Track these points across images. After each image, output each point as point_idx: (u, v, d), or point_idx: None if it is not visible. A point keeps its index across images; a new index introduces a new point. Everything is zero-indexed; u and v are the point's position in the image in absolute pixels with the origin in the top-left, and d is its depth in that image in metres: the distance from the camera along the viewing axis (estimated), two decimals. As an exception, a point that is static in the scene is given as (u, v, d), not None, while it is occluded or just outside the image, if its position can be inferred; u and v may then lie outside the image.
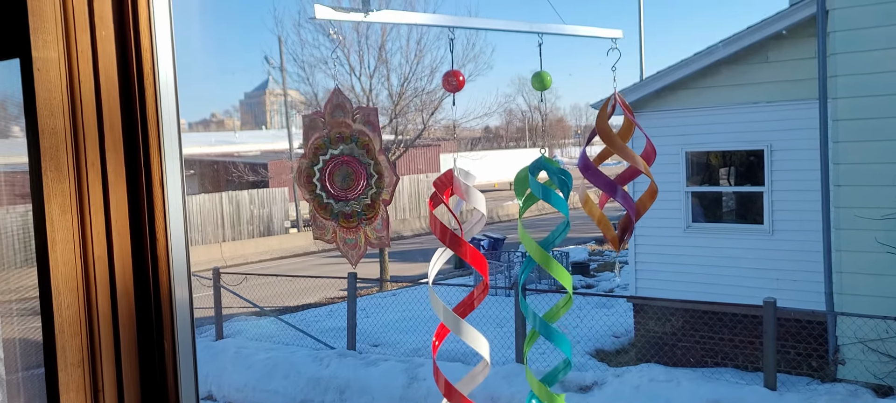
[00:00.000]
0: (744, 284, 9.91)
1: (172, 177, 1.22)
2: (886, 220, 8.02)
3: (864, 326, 8.14)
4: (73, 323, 1.16)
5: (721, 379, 8.67)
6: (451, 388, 1.73)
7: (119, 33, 1.19)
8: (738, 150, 10.52)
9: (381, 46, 18.35)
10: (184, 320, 1.24)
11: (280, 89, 37.46)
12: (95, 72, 1.17)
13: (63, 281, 1.14)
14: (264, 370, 10.08)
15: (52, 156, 1.13)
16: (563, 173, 2.05)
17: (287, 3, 50.72)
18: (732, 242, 10.22)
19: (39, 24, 1.11)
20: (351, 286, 11.45)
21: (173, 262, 1.23)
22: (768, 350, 8.03)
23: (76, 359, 1.16)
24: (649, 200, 2.10)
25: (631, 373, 8.60)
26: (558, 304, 2.13)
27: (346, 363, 9.81)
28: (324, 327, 13.21)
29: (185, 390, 1.24)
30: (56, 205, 1.13)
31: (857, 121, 8.32)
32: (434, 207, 1.84)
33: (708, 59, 10.08)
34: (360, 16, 1.72)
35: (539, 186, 2.01)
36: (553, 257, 2.07)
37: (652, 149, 2.12)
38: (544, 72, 2.02)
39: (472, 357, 10.05)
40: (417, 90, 18.89)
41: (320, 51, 18.69)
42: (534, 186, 2.03)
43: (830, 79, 8.53)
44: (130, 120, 1.20)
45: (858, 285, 8.42)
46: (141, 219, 1.21)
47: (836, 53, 8.38)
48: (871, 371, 8.17)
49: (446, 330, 1.76)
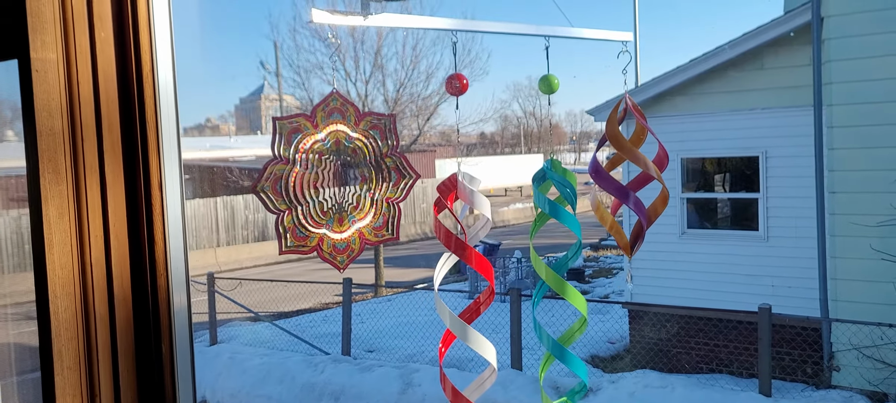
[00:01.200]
0: (739, 290, 9.92)
1: (171, 181, 1.21)
2: (881, 227, 8.03)
3: (858, 333, 8.16)
4: (70, 327, 1.15)
5: (716, 386, 8.67)
6: (459, 395, 1.71)
7: (118, 35, 1.18)
8: (733, 157, 10.54)
9: (377, 52, 18.38)
10: (182, 325, 1.23)
11: (275, 94, 37.43)
12: (94, 73, 1.16)
13: (60, 284, 1.13)
14: (258, 375, 10.05)
15: (50, 159, 1.12)
16: (563, 179, 2.05)
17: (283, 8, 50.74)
18: (728, 248, 10.24)
19: (38, 26, 1.10)
20: (346, 291, 11.43)
21: (172, 266, 1.22)
22: (763, 356, 8.03)
23: (73, 363, 1.15)
24: (661, 206, 2.09)
25: (626, 379, 8.59)
26: (573, 328, 2.12)
27: (341, 368, 9.79)
28: (318, 332, 13.17)
29: (183, 395, 1.23)
30: (53, 208, 1.12)
31: (852, 128, 8.34)
32: (438, 212, 1.83)
33: (703, 65, 10.11)
34: (360, 19, 1.71)
35: (548, 202, 1.99)
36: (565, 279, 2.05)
37: (664, 154, 2.11)
38: (551, 75, 2.01)
39: (468, 364, 10.03)
40: (413, 95, 18.92)
41: (316, 56, 18.71)
42: (541, 202, 2.00)
43: (825, 86, 8.55)
44: (129, 122, 1.19)
45: (853, 291, 8.43)
46: (139, 223, 1.20)
47: (831, 61, 8.41)
48: (866, 377, 8.17)
49: (452, 337, 1.75)
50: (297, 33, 23.35)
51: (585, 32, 2.32)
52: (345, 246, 1.71)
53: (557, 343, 2.04)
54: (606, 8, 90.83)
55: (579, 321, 2.11)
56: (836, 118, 8.42)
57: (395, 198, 1.72)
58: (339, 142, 1.76)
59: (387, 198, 1.72)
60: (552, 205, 2.01)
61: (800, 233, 9.48)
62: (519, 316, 9.63)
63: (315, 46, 19.42)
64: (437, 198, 1.87)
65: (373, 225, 1.73)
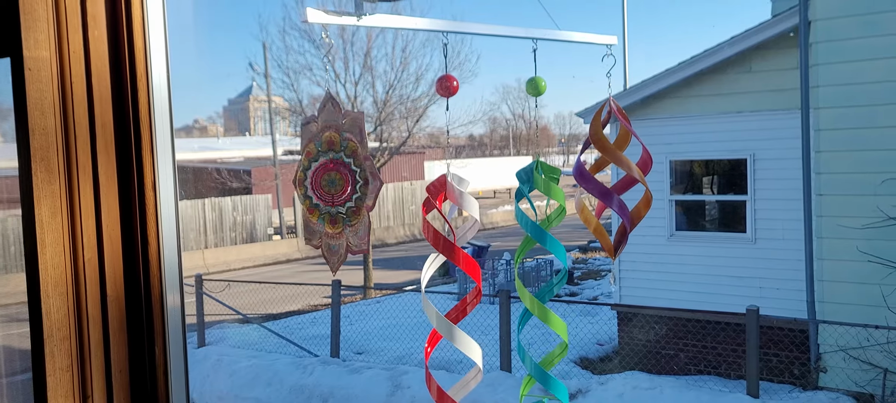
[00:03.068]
0: (727, 292, 9.97)
1: (165, 180, 1.21)
2: (868, 229, 8.09)
3: (845, 334, 8.21)
4: (62, 328, 1.14)
5: (704, 387, 8.71)
6: (444, 395, 1.71)
7: (112, 33, 1.17)
8: (721, 159, 10.60)
9: (367, 53, 18.37)
10: (175, 326, 1.22)
11: (264, 95, 37.32)
12: (87, 72, 1.15)
13: (52, 284, 1.12)
14: (247, 377, 10.01)
15: (43, 158, 1.11)
16: (553, 173, 2.06)
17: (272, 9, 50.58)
18: (716, 251, 10.29)
19: (31, 24, 1.09)
20: (335, 293, 11.40)
21: (165, 267, 1.21)
22: (751, 358, 8.08)
23: (65, 364, 1.14)
24: (644, 209, 2.10)
25: (615, 381, 8.62)
26: (553, 352, 2.14)
27: (330, 370, 9.76)
28: (307, 334, 13.13)
29: (176, 397, 1.22)
30: (46, 207, 1.11)
31: (840, 132, 8.40)
32: (427, 213, 1.83)
33: (692, 68, 10.15)
34: (353, 19, 1.71)
35: (531, 225, 1.99)
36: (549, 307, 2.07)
37: (648, 157, 2.12)
38: (539, 77, 2.02)
39: (455, 365, 10.03)
40: (402, 97, 18.92)
41: (305, 57, 18.70)
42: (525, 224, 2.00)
43: (813, 90, 8.61)
44: (123, 121, 1.18)
45: (840, 293, 8.48)
46: (132, 223, 1.19)
47: (819, 64, 8.47)
48: (853, 378, 8.23)
49: (438, 337, 1.75)
50: (286, 34, 23.31)
51: (572, 35, 2.33)
52: (336, 248, 1.71)
53: (539, 366, 2.08)
54: (597, 10, 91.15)
55: (560, 346, 2.13)
56: (823, 121, 8.48)
57: (368, 206, 1.73)
58: (333, 145, 1.76)
59: (367, 207, 1.73)
60: (537, 229, 2.00)
61: (787, 236, 9.54)
62: (508, 318, 9.64)
63: (304, 47, 19.41)
64: (425, 199, 1.87)
65: (356, 232, 1.73)
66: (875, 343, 7.92)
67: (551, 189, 2.01)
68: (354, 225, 1.75)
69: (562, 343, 2.14)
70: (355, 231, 1.75)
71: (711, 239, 10.52)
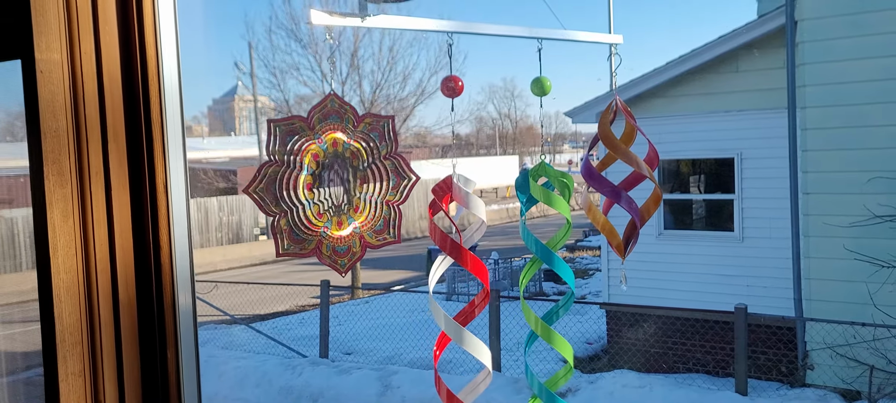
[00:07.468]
0: (715, 290, 10.02)
1: (176, 181, 1.20)
2: (854, 227, 8.16)
3: (832, 332, 8.28)
4: (74, 332, 1.12)
5: (693, 385, 8.75)
6: (453, 397, 1.71)
7: (123, 34, 1.16)
8: (709, 158, 10.66)
9: (354, 53, 18.32)
10: (187, 329, 1.21)
11: (250, 95, 37.15)
12: (99, 73, 1.14)
13: (64, 288, 1.11)
14: (235, 378, 9.96)
15: (55, 160, 1.10)
16: (564, 177, 2.05)
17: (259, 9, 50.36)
18: (704, 249, 10.34)
19: (43, 26, 1.08)
20: (323, 293, 11.37)
21: (177, 269, 1.20)
22: (739, 355, 8.13)
23: (77, 369, 1.13)
24: (653, 206, 2.11)
25: (604, 379, 8.65)
26: (558, 374, 2.14)
27: (319, 371, 9.73)
28: (296, 335, 13.09)
29: (188, 400, 1.21)
30: (58, 210, 1.10)
31: (826, 131, 8.47)
32: (433, 214, 1.82)
33: (679, 68, 10.20)
34: (357, 20, 1.70)
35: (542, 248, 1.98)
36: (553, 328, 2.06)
37: (655, 154, 2.13)
38: (544, 77, 2.01)
39: (454, 368, 10.03)
40: (389, 97, 18.88)
41: (292, 57, 18.62)
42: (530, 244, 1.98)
43: (800, 89, 8.67)
44: (134, 122, 1.17)
45: (827, 291, 8.55)
46: (144, 225, 1.18)
47: (805, 63, 8.53)
48: (840, 376, 8.30)
49: (447, 340, 1.75)
50: (273, 34, 23.21)
51: (577, 35, 2.33)
52: (345, 249, 1.70)
53: (545, 386, 2.07)
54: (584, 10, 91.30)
55: (565, 368, 2.13)
56: (810, 120, 8.54)
57: (395, 201, 1.71)
58: (337, 147, 1.74)
59: (387, 201, 1.71)
60: (544, 250, 1.99)
61: (774, 234, 9.60)
62: (497, 317, 9.65)
63: (291, 47, 19.34)
64: (431, 201, 1.87)
65: (373, 227, 1.72)
66: (862, 341, 7.99)
67: (553, 199, 2.00)
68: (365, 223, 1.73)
69: (567, 365, 2.12)
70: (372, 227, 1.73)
71: (699, 237, 10.57)
